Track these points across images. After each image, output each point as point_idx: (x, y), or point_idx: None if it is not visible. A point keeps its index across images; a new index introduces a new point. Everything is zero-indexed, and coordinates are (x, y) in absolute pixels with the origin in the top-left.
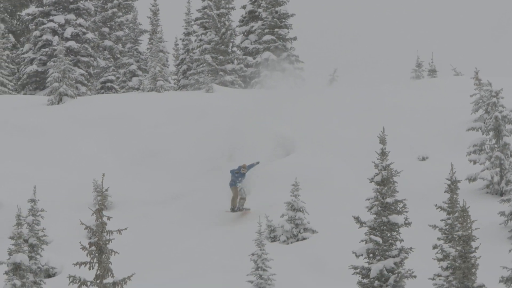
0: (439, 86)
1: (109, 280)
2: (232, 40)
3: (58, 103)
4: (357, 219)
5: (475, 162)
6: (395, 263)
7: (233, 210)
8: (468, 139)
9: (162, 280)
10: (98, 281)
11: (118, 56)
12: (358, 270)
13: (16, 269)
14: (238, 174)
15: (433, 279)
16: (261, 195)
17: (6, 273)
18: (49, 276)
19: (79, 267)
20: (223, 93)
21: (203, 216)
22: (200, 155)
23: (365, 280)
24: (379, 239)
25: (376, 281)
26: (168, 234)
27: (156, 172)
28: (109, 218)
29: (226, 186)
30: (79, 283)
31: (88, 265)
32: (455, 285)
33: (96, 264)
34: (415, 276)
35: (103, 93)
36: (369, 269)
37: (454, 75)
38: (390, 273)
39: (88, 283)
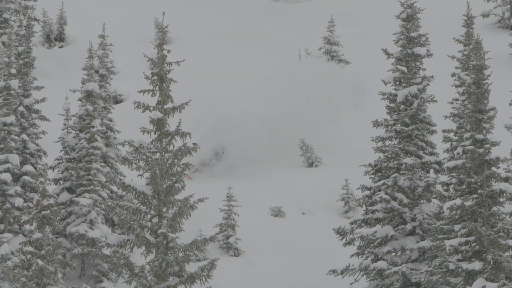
0: None
1: (169, 105)
2: None
3: None
4: (385, 51)
5: (488, 0)
6: (418, 90)
7: None
8: None
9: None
10: (159, 106)
11: None
12: (386, 96)
13: (88, 96)
14: None
15: (452, 103)
16: (300, 30)
17: (80, 99)
18: (116, 102)
19: (143, 94)
20: None
21: (254, 50)
22: None
23: (392, 105)
24: (404, 69)
25: (402, 105)
26: (220, 64)
27: (209, 9)
28: (168, 51)
29: (277, 22)
30: (143, 108)
31: (150, 93)
32: (470, 109)
33: (158, 92)
34: (436, 101)
35: None
36: (396, 95)
37: None
38: (414, 98)
39: (151, 108)
